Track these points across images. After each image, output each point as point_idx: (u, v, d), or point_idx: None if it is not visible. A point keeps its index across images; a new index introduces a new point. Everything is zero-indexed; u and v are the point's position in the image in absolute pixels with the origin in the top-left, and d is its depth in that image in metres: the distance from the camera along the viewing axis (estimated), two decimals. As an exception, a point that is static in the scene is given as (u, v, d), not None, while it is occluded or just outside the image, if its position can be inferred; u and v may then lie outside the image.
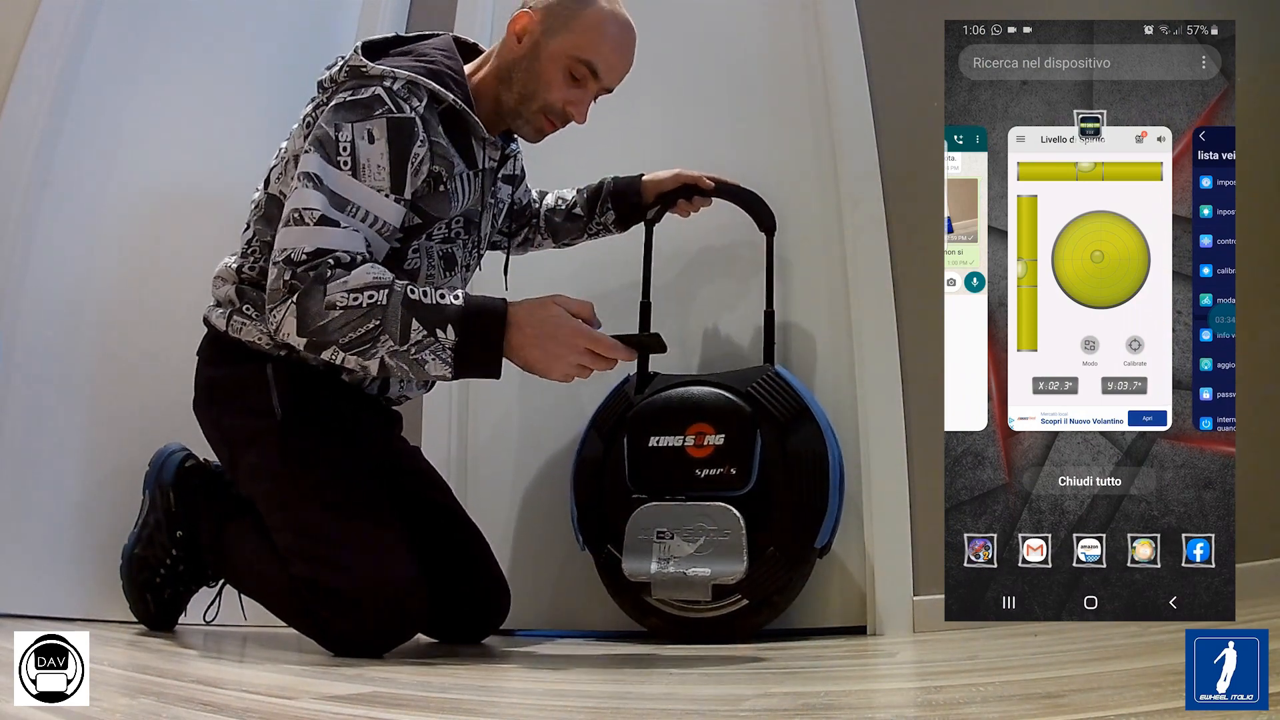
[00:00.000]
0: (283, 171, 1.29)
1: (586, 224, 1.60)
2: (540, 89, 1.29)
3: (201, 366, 1.35)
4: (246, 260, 1.31)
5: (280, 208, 1.23)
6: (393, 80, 1.20)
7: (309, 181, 1.15)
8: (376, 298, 1.10)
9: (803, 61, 1.77)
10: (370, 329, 1.10)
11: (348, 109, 1.18)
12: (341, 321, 1.10)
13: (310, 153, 1.17)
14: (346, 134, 1.16)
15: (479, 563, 1.46)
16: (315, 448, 1.26)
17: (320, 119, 1.20)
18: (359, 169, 1.16)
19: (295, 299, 1.11)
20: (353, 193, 1.15)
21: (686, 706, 0.77)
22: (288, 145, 1.30)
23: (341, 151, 1.15)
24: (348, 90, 1.20)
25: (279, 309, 1.13)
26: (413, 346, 1.11)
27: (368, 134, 1.16)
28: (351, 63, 1.23)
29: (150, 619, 1.40)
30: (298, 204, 1.15)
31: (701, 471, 1.45)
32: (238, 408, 1.29)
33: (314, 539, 1.21)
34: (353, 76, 1.22)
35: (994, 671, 0.92)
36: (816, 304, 1.66)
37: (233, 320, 1.29)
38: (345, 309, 1.10)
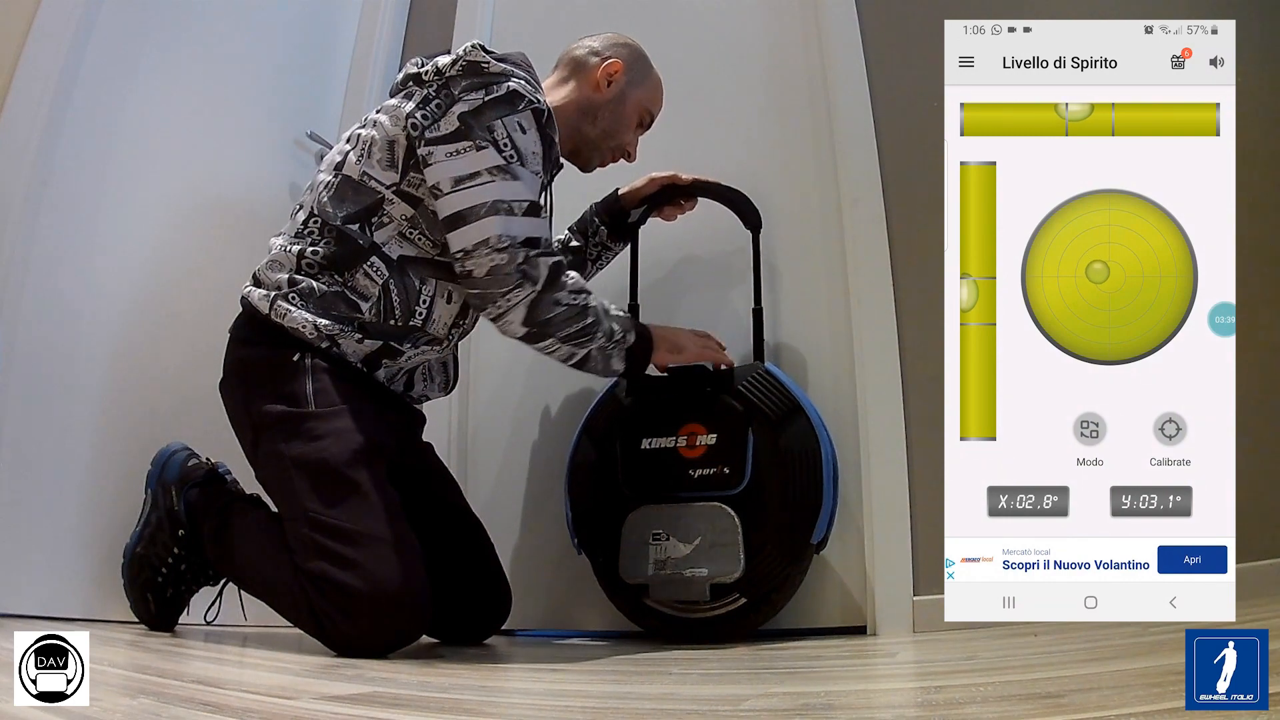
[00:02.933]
0: (365, 154, 1.33)
1: (586, 252, 1.64)
2: (620, 130, 1.51)
3: (234, 346, 1.35)
4: (305, 243, 1.32)
5: (356, 189, 1.31)
6: (517, 79, 1.30)
7: (502, 174, 1.25)
8: (588, 300, 1.31)
9: (803, 61, 1.77)
10: (588, 324, 1.31)
11: (492, 107, 1.27)
12: (565, 318, 1.29)
13: (482, 148, 1.25)
14: (501, 130, 1.26)
15: (485, 564, 1.47)
16: (341, 442, 1.26)
17: (459, 118, 1.26)
18: (524, 158, 1.28)
19: (537, 291, 1.26)
20: (530, 181, 1.29)
21: (686, 706, 0.77)
22: (369, 132, 1.34)
23: (504, 147, 1.26)
24: (479, 88, 1.27)
25: (511, 295, 1.26)
26: (613, 344, 1.34)
27: (519, 125, 1.28)
28: (471, 58, 1.29)
29: (151, 619, 1.40)
30: (500, 195, 1.25)
31: (695, 472, 1.45)
32: (269, 392, 1.29)
33: (328, 533, 1.21)
34: (472, 73, 1.29)
35: (994, 671, 0.91)
36: (816, 304, 1.66)
37: (276, 305, 1.29)
38: (568, 306, 1.29)
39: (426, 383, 1.45)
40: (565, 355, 1.33)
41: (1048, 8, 1.44)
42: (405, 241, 1.32)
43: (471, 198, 1.25)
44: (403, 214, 1.31)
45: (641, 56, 1.53)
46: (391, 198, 1.31)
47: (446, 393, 1.52)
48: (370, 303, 1.30)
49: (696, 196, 1.61)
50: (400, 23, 2.14)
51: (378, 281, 1.30)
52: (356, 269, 1.30)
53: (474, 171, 1.25)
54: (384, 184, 1.31)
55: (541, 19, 1.99)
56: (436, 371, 1.48)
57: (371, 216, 1.31)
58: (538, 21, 1.99)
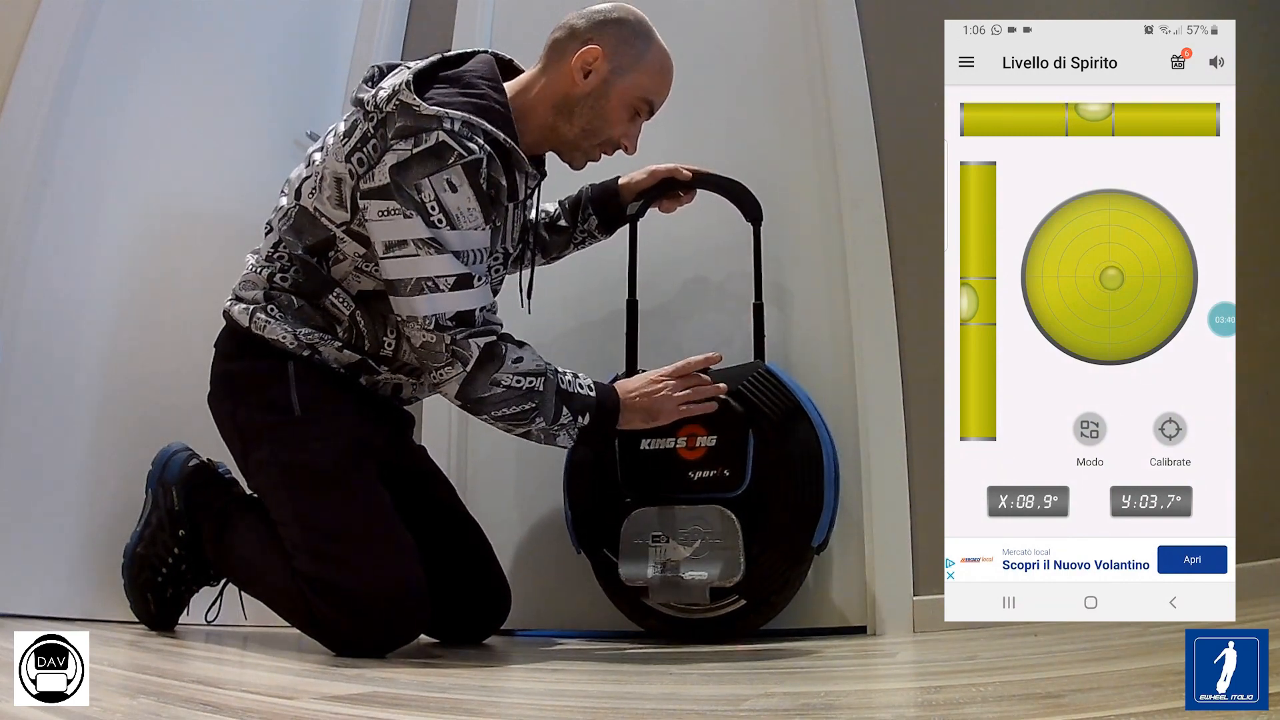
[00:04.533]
0: (316, 188, 1.29)
1: (572, 234, 1.59)
2: (605, 126, 1.35)
3: (219, 360, 1.35)
4: (274, 268, 1.32)
5: (311, 221, 1.27)
6: (450, 121, 1.19)
7: (427, 247, 1.18)
8: (535, 384, 1.25)
9: (803, 61, 1.77)
10: (526, 409, 1.25)
11: (419, 162, 1.17)
12: (501, 399, 1.24)
13: (409, 215, 1.18)
14: (429, 191, 1.17)
15: (483, 564, 1.47)
16: (329, 446, 1.26)
17: (389, 171, 1.18)
18: (454, 219, 1.19)
19: (467, 372, 1.22)
20: (463, 243, 1.21)
21: (686, 706, 0.77)
22: (322, 160, 1.30)
23: (432, 211, 1.18)
24: (409, 137, 1.18)
25: (444, 370, 1.23)
26: (557, 426, 1.27)
27: (448, 184, 1.18)
28: (403, 99, 1.20)
29: (151, 619, 1.40)
30: (425, 272, 1.18)
31: (695, 474, 1.43)
32: (255, 402, 1.29)
33: (321, 536, 1.21)
34: (405, 115, 1.20)
35: (994, 671, 0.91)
36: (816, 304, 1.66)
37: (255, 317, 1.30)
38: (508, 388, 1.24)
39: (416, 385, 1.43)
40: (505, 429, 1.29)
41: (1048, 8, 1.43)
42: (364, 275, 1.29)
43: (401, 269, 1.20)
44: (355, 251, 1.27)
45: (635, 36, 1.35)
46: (343, 236, 1.27)
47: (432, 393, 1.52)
48: (342, 326, 1.31)
49: (695, 189, 1.59)
50: (400, 23, 2.14)
51: (345, 311, 1.30)
52: (323, 298, 1.30)
53: (401, 240, 1.19)
54: (334, 222, 1.27)
55: (541, 19, 1.98)
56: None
57: (328, 251, 1.29)
58: (538, 21, 1.98)
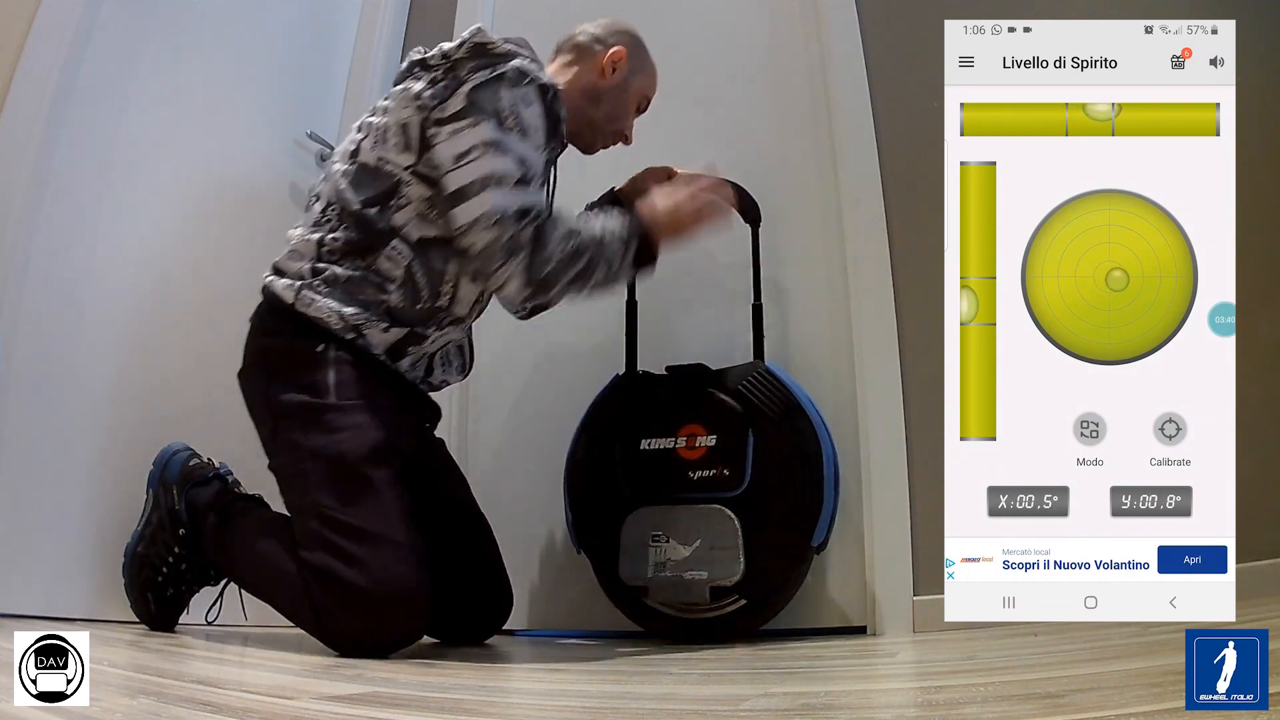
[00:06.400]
0: (379, 140, 1.33)
1: None
2: (621, 115, 1.53)
3: (256, 336, 1.35)
4: (324, 231, 1.32)
5: (372, 175, 1.32)
6: (521, 59, 1.33)
7: (493, 149, 1.26)
8: (578, 244, 1.30)
9: (803, 61, 1.77)
10: (581, 269, 1.30)
11: (499, 82, 1.29)
12: (559, 270, 1.29)
13: (479, 123, 1.26)
14: (507, 101, 1.28)
15: (489, 563, 1.47)
16: (359, 438, 1.26)
17: (467, 94, 1.27)
18: (526, 130, 1.30)
19: (527, 259, 1.26)
20: (527, 153, 1.30)
21: (686, 706, 0.77)
22: (380, 119, 1.35)
23: (509, 118, 1.28)
24: (486, 68, 1.30)
25: (504, 269, 1.27)
26: (619, 266, 1.34)
27: (523, 99, 1.31)
28: (477, 39, 1.32)
29: (151, 619, 1.40)
30: (491, 169, 1.25)
31: (695, 473, 1.44)
32: (290, 382, 1.29)
33: (335, 529, 1.20)
34: (479, 54, 1.31)
35: (994, 671, 0.91)
36: (816, 304, 1.66)
37: (302, 294, 1.29)
38: (559, 260, 1.28)
39: (445, 367, 1.46)
40: (575, 294, 1.35)
41: (1048, 8, 1.43)
42: (425, 223, 1.32)
43: (468, 174, 1.26)
44: (420, 195, 1.31)
45: (640, 46, 1.56)
46: (409, 179, 1.31)
47: (464, 376, 1.54)
48: (395, 284, 1.31)
49: None
50: (400, 23, 2.15)
51: (400, 264, 1.31)
52: (378, 253, 1.31)
53: (469, 147, 1.26)
54: (401, 166, 1.31)
55: (541, 19, 1.99)
56: (454, 355, 1.49)
57: (390, 199, 1.31)
58: (538, 21, 1.99)
